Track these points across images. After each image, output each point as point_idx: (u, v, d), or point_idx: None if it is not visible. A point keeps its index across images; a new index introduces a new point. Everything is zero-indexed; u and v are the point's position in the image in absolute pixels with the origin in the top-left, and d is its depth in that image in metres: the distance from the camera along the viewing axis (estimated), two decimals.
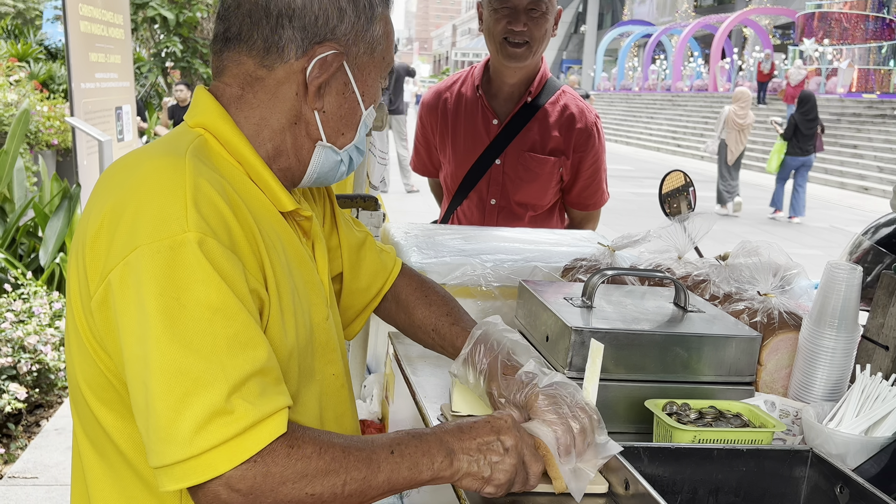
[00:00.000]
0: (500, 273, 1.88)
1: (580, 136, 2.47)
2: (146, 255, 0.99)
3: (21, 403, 3.72)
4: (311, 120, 1.19)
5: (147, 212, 1.02)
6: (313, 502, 1.00)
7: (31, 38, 12.75)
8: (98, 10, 5.95)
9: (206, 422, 0.95)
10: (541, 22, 2.30)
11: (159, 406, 0.96)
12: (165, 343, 0.97)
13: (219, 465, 0.95)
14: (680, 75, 34.90)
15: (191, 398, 0.95)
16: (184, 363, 0.96)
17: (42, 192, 5.75)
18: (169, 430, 0.95)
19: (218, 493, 0.97)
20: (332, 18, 1.15)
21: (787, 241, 10.28)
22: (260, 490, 0.97)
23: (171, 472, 0.96)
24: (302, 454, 1.00)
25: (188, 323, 0.97)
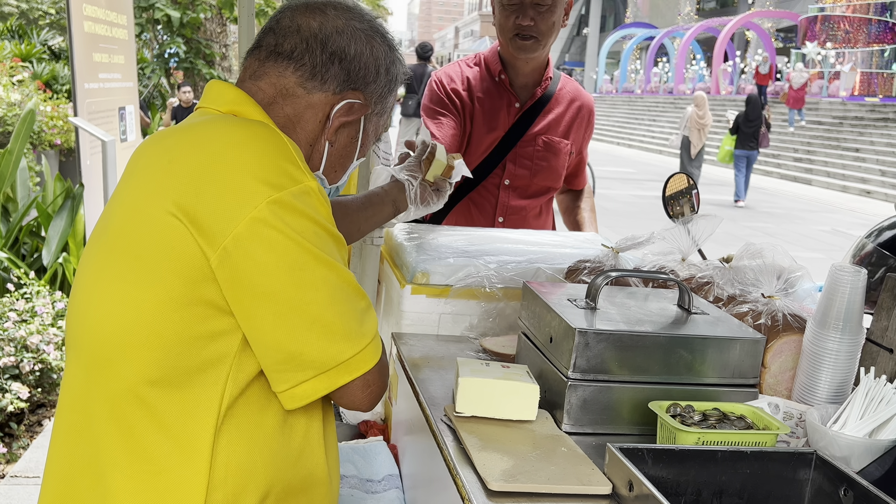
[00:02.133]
0: (504, 275, 1.88)
1: (583, 115, 2.59)
2: (281, 202, 1.11)
3: (23, 403, 3.73)
4: (320, 150, 1.35)
5: (258, 167, 1.12)
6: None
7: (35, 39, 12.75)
8: (102, 11, 5.96)
9: (363, 321, 1.18)
10: (547, 15, 2.35)
11: (329, 313, 1.14)
12: (324, 265, 1.14)
13: (362, 365, 1.18)
14: (682, 78, 34.90)
15: (352, 303, 1.17)
16: (337, 280, 1.15)
17: (45, 191, 5.75)
18: (346, 329, 1.16)
19: (367, 383, 1.21)
20: (370, 75, 1.33)
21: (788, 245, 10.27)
22: (377, 385, 1.23)
23: (347, 367, 1.17)
24: (383, 363, 1.25)
25: (330, 248, 1.16)
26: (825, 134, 21.20)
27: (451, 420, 1.44)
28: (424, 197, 1.85)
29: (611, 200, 13.89)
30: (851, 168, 18.29)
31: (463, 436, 1.38)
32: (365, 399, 1.22)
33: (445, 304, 1.88)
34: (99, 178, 5.50)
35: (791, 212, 14.03)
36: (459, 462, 1.32)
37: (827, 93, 25.24)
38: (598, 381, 1.45)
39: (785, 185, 18.28)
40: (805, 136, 21.59)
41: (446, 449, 1.37)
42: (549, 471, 1.28)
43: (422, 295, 1.90)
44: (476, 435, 1.38)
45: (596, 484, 1.26)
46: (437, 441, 1.43)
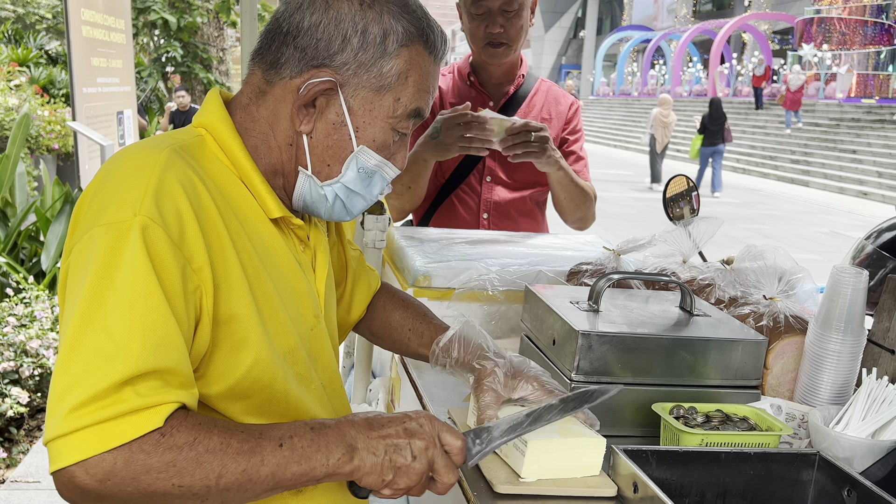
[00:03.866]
0: (506, 277, 1.89)
1: (562, 109, 2.58)
2: (98, 234, 1.01)
3: (23, 408, 3.72)
4: (301, 145, 1.18)
5: (111, 197, 1.04)
6: (182, 494, 0.95)
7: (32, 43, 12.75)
8: (100, 16, 5.97)
9: (87, 401, 0.92)
10: (515, 20, 2.37)
11: (57, 378, 0.95)
12: (86, 319, 0.96)
13: (83, 447, 0.92)
14: (679, 80, 34.96)
15: (87, 376, 0.94)
16: (94, 341, 0.95)
17: (44, 196, 5.75)
18: (54, 405, 0.94)
19: (73, 475, 0.92)
20: (334, 45, 1.13)
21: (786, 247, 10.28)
22: (119, 477, 0.92)
23: (49, 450, 0.94)
24: (172, 444, 0.95)
25: (112, 304, 0.97)
26: (822, 136, 21.24)
27: (456, 423, 1.44)
28: None
29: (609, 203, 13.90)
30: (848, 170, 18.32)
31: None
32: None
33: (448, 307, 1.89)
34: None
35: (788, 213, 14.06)
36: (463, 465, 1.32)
37: (823, 95, 25.29)
38: (600, 383, 1.45)
39: (782, 187, 18.30)
40: (802, 137, 21.62)
41: None
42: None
43: (424, 298, 1.90)
44: None
45: (601, 486, 1.27)
46: None
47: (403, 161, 1.25)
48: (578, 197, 2.45)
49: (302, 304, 1.23)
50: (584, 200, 2.47)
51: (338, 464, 1.04)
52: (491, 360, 1.35)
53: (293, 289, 1.21)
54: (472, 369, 1.36)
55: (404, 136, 1.22)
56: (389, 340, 1.52)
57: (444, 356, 1.38)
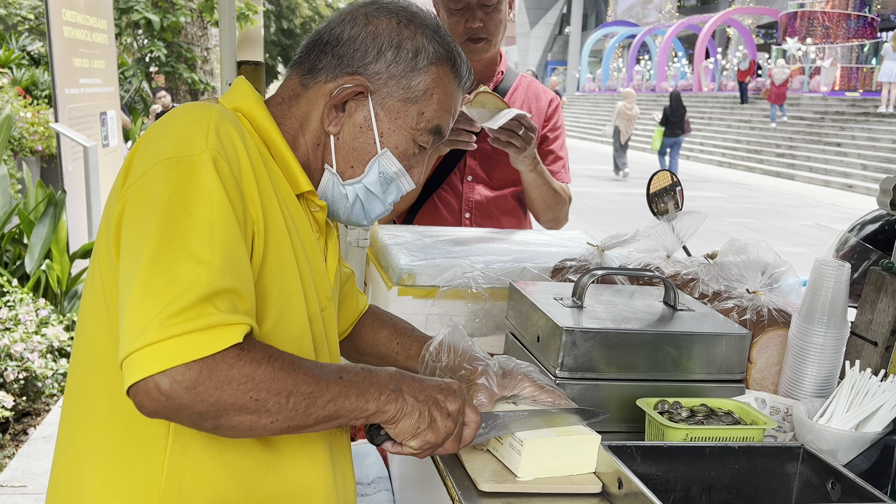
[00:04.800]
0: (490, 275, 1.88)
1: (542, 105, 2.56)
2: (165, 167, 1.05)
3: (8, 412, 3.70)
4: (328, 144, 1.25)
5: (172, 135, 1.09)
6: (256, 409, 0.99)
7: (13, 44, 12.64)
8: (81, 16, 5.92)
9: (173, 315, 0.96)
10: (494, 14, 2.36)
11: (137, 296, 0.98)
12: (164, 241, 1.00)
13: (171, 356, 0.95)
14: (664, 75, 35.06)
15: (169, 291, 0.97)
16: (175, 260, 0.99)
17: (27, 198, 5.70)
18: (135, 320, 0.96)
19: (159, 384, 0.95)
20: (369, 56, 1.22)
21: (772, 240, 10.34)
22: (203, 386, 0.96)
23: (129, 363, 0.95)
24: (251, 359, 0.99)
25: (189, 227, 1.01)
26: (807, 129, 21.35)
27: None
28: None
29: (596, 198, 13.94)
30: (833, 163, 18.41)
31: None
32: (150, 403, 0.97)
33: (432, 306, 1.88)
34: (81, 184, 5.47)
35: (774, 207, 14.12)
36: (449, 463, 1.32)
37: (808, 88, 25.42)
38: (585, 379, 1.46)
39: (767, 181, 18.38)
40: (787, 131, 21.72)
41: None
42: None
43: (408, 296, 1.89)
44: None
45: (586, 482, 1.27)
46: None
47: (419, 177, 1.32)
48: (551, 198, 2.43)
49: (318, 281, 1.26)
50: (555, 202, 2.45)
51: (386, 401, 1.10)
52: (481, 361, 1.37)
53: (312, 266, 1.25)
54: (462, 371, 1.37)
55: (423, 150, 1.30)
56: (377, 357, 1.53)
57: (433, 361, 1.40)
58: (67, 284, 5.04)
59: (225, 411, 0.98)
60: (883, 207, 1.60)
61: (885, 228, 2.01)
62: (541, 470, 1.26)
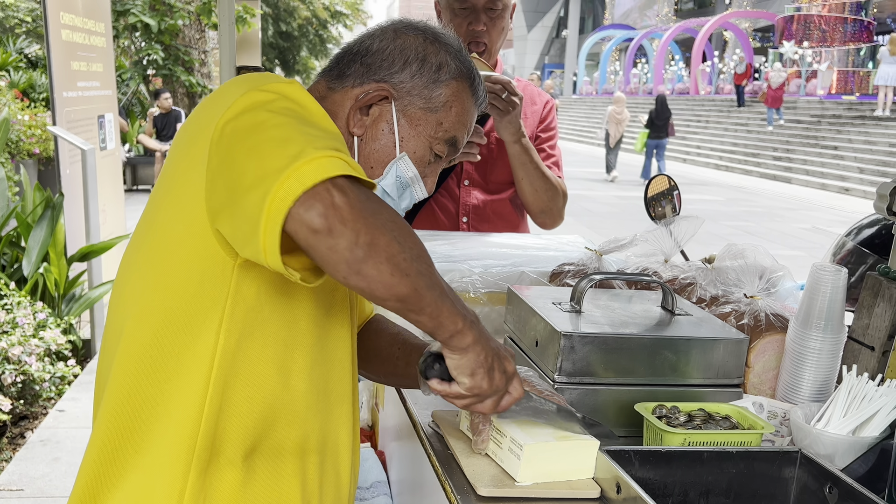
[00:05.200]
0: (488, 279, 1.89)
1: (536, 109, 2.57)
2: (254, 93, 1.10)
3: (5, 415, 3.69)
4: (352, 145, 1.31)
5: (243, 82, 1.15)
6: (399, 251, 1.00)
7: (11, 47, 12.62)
8: (79, 19, 5.92)
9: (323, 143, 1.01)
10: (498, 20, 2.37)
11: (272, 143, 1.01)
12: (287, 124, 1.04)
13: (335, 167, 0.98)
14: (661, 79, 35.08)
15: (303, 138, 1.01)
16: (302, 131, 1.03)
17: (24, 201, 5.69)
18: (286, 149, 0.99)
19: (330, 190, 0.97)
20: (395, 66, 1.30)
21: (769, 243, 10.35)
22: (365, 205, 0.99)
23: (286, 183, 0.96)
24: (390, 207, 1.04)
25: (300, 123, 1.06)
26: (804, 132, 21.38)
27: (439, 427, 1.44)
28: None
29: (592, 202, 13.95)
30: (830, 166, 18.44)
31: (451, 442, 1.38)
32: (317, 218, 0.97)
33: None
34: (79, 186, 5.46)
35: (771, 210, 14.15)
36: (447, 468, 1.32)
37: (805, 91, 25.45)
38: (584, 383, 1.46)
39: (764, 184, 18.41)
40: (784, 134, 21.75)
41: (433, 455, 1.37)
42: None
43: None
44: (464, 441, 1.38)
45: (584, 487, 1.27)
46: (424, 447, 1.43)
47: (432, 186, 1.38)
48: (538, 181, 2.39)
49: None
50: (545, 188, 2.40)
51: (470, 326, 1.12)
52: None
53: None
54: None
55: (439, 159, 1.36)
56: (377, 360, 1.53)
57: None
58: (65, 287, 5.04)
59: (377, 241, 0.98)
60: (880, 212, 1.61)
61: (881, 232, 2.02)
62: (540, 474, 1.27)
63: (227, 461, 1.14)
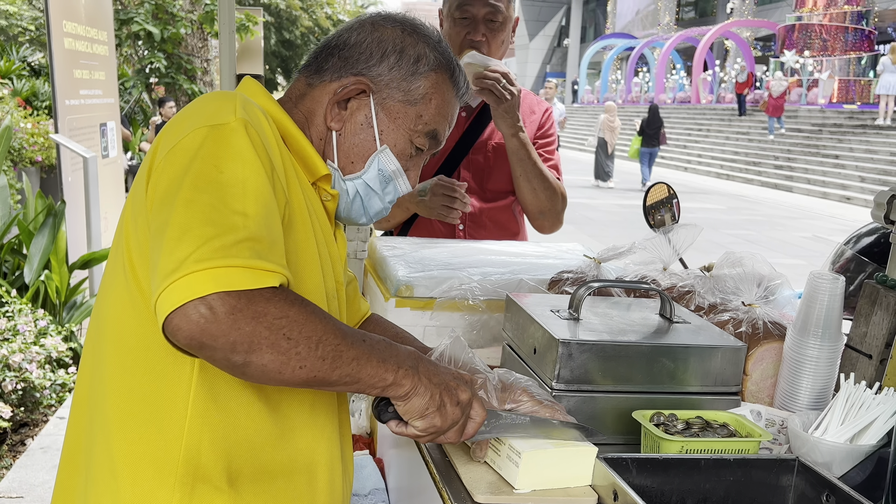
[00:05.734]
0: (487, 287, 1.89)
1: (535, 119, 2.57)
2: (199, 133, 1.10)
3: (6, 422, 3.69)
4: (331, 140, 1.30)
5: (201, 111, 1.14)
6: (288, 348, 1.01)
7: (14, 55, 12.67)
8: (82, 27, 5.95)
9: (217, 249, 0.99)
10: (498, 32, 2.38)
11: (171, 238, 1.01)
12: (197, 194, 1.03)
13: (219, 281, 0.98)
14: (663, 87, 35.16)
15: (211, 230, 1.00)
16: (213, 209, 1.02)
17: (26, 209, 5.71)
18: (174, 256, 0.99)
19: (199, 308, 0.97)
20: (373, 59, 1.29)
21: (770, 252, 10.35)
22: (242, 313, 0.98)
23: (167, 294, 0.98)
24: (287, 299, 1.02)
25: (222, 185, 1.05)
26: (805, 141, 21.40)
27: None
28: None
29: (593, 210, 13.96)
30: (831, 175, 18.45)
31: (449, 449, 1.38)
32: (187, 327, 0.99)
33: (430, 317, 1.89)
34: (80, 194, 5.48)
35: (772, 219, 14.15)
36: (445, 475, 1.32)
37: (806, 100, 25.49)
38: (581, 391, 1.46)
39: (766, 193, 18.42)
40: (785, 143, 21.78)
41: (431, 462, 1.38)
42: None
43: (406, 308, 1.90)
44: (462, 448, 1.38)
45: (582, 495, 1.27)
46: (422, 454, 1.43)
47: (415, 180, 1.37)
48: (536, 179, 2.40)
49: (334, 265, 1.30)
50: (543, 187, 2.41)
51: (404, 375, 1.12)
52: (481, 374, 1.38)
53: (329, 248, 1.29)
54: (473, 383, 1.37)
55: (420, 153, 1.35)
56: None
57: None
58: (66, 295, 5.04)
59: (258, 345, 0.99)
60: (877, 221, 1.61)
61: (880, 241, 2.02)
62: (538, 482, 1.27)
63: (213, 488, 1.13)
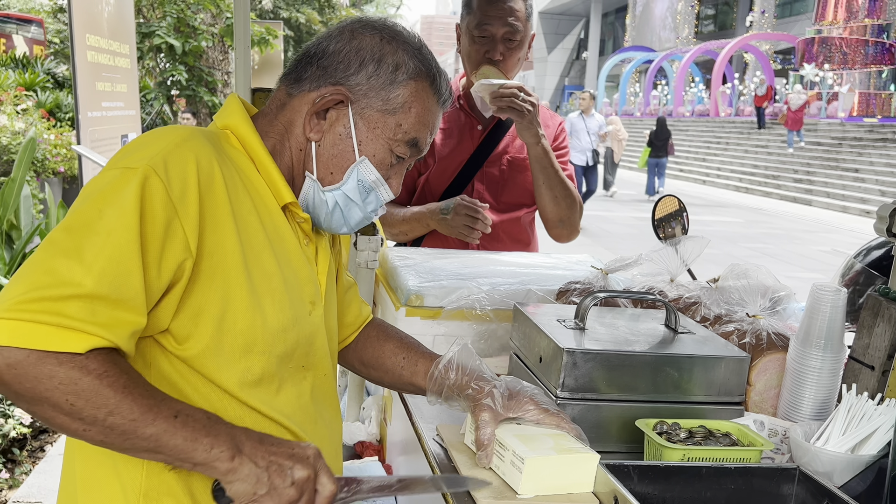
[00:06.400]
0: (495, 297, 1.92)
1: (549, 133, 2.59)
2: (109, 174, 1.12)
3: (26, 428, 3.75)
4: (309, 151, 1.30)
5: (134, 149, 1.15)
6: (71, 412, 1.01)
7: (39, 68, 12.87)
8: (105, 41, 6.05)
9: (35, 300, 1.00)
10: (516, 51, 2.41)
11: (20, 271, 1.05)
12: (64, 234, 1.06)
13: (8, 335, 0.99)
14: (681, 100, 35.07)
15: (44, 279, 1.02)
16: (63, 254, 1.04)
17: (48, 218, 5.80)
18: (4, 292, 1.01)
19: (4, 354, 0.98)
20: (351, 68, 1.28)
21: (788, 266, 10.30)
22: (24, 371, 0.99)
23: None
24: (83, 366, 1.01)
25: (90, 228, 1.06)
26: (824, 155, 21.28)
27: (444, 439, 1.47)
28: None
29: (610, 223, 13.93)
30: (851, 188, 18.33)
31: (454, 455, 1.41)
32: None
33: (439, 326, 1.92)
34: None
35: (790, 232, 14.07)
36: None
37: (826, 114, 25.35)
38: (586, 399, 1.48)
39: (785, 206, 18.32)
40: (804, 157, 21.66)
41: (437, 467, 1.40)
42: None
43: (416, 317, 1.93)
44: (467, 455, 1.41)
45: (583, 501, 1.29)
46: (428, 460, 1.46)
47: (398, 187, 1.36)
48: (558, 187, 2.44)
49: (303, 288, 1.31)
50: (564, 194, 2.45)
51: (219, 456, 1.07)
52: (488, 382, 1.40)
53: (296, 273, 1.29)
54: (469, 391, 1.40)
55: (401, 161, 1.34)
56: (381, 369, 1.55)
57: (442, 378, 1.43)
58: None
59: (40, 402, 1.01)
60: (879, 233, 1.63)
61: (889, 254, 2.03)
62: (541, 487, 1.29)
63: (176, 502, 1.18)
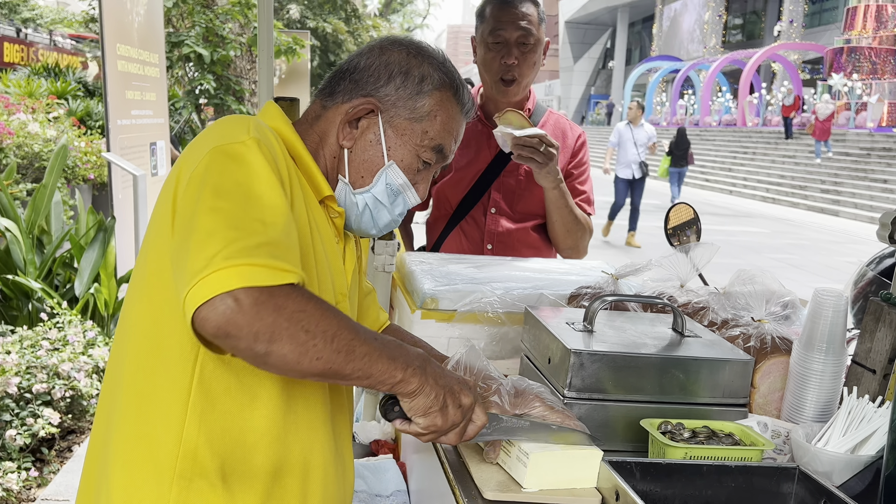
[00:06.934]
0: (508, 300, 1.97)
1: (568, 144, 2.65)
2: (214, 154, 1.19)
3: (55, 428, 3.84)
4: (342, 156, 1.41)
5: (216, 134, 1.24)
6: (306, 340, 1.10)
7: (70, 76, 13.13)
8: (135, 50, 6.17)
9: (234, 251, 1.08)
10: (530, 55, 2.49)
11: (197, 241, 1.10)
12: (220, 203, 1.13)
13: (235, 280, 1.07)
14: (708, 110, 34.91)
15: (229, 233, 1.10)
16: (231, 215, 1.12)
17: (78, 224, 5.93)
18: (202, 255, 1.08)
19: (226, 301, 1.06)
20: (381, 80, 1.39)
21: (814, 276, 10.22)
22: (264, 306, 1.07)
23: (196, 290, 1.07)
24: (304, 296, 1.11)
25: (240, 194, 1.14)
26: (853, 165, 21.09)
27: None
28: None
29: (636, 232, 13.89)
30: (879, 199, 18.14)
31: (464, 451, 1.46)
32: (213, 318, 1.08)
33: (453, 329, 1.97)
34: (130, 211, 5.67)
35: (817, 243, 13.96)
36: (458, 475, 1.40)
37: (854, 124, 25.12)
38: (592, 399, 1.53)
39: (812, 217, 18.18)
40: (832, 167, 21.48)
41: (447, 463, 1.45)
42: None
43: (431, 320, 1.99)
44: (475, 450, 1.46)
45: (586, 495, 1.34)
46: (439, 456, 1.51)
47: (424, 193, 1.46)
48: (571, 223, 2.52)
49: (336, 278, 1.39)
50: (576, 228, 2.54)
51: (412, 374, 1.20)
52: (495, 380, 1.46)
53: (331, 262, 1.37)
54: (477, 389, 1.45)
55: (428, 166, 1.44)
56: None
57: None
58: (114, 307, 5.23)
59: (279, 335, 1.08)
60: (882, 240, 1.66)
61: None
62: (545, 482, 1.34)
63: (208, 484, 1.22)
